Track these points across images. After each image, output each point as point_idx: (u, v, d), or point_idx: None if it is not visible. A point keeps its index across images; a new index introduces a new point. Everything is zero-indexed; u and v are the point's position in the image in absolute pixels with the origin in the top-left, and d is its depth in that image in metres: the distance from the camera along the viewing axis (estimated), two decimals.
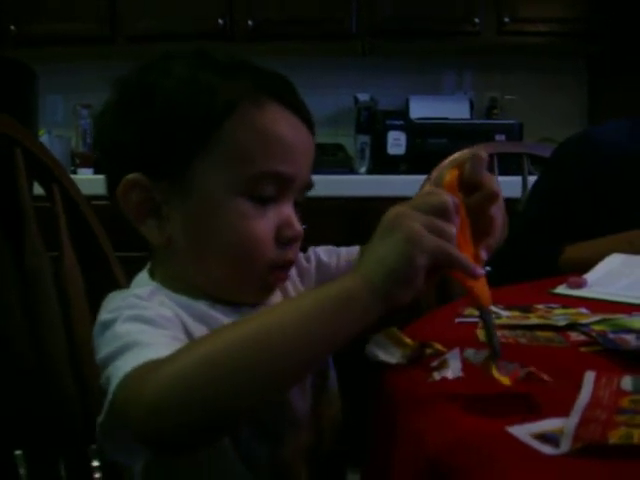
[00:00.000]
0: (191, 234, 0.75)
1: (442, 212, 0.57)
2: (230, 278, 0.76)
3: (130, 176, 0.74)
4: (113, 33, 2.95)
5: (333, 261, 0.91)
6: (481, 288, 0.59)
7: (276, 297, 0.84)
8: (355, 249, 0.94)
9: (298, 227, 0.76)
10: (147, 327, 0.67)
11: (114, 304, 0.72)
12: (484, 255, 0.62)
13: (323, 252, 0.92)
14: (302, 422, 0.80)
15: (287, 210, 0.76)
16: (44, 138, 2.84)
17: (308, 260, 0.91)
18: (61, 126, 3.17)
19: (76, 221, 1.00)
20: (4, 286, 0.90)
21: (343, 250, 0.93)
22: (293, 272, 0.89)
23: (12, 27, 2.91)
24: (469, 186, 0.63)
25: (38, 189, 0.99)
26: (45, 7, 2.91)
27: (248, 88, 0.74)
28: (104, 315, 0.71)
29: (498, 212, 0.64)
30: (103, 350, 0.67)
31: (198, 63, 0.76)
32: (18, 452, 0.90)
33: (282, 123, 0.75)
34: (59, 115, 3.25)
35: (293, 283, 0.88)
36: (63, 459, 0.94)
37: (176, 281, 0.77)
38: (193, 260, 0.76)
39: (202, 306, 0.76)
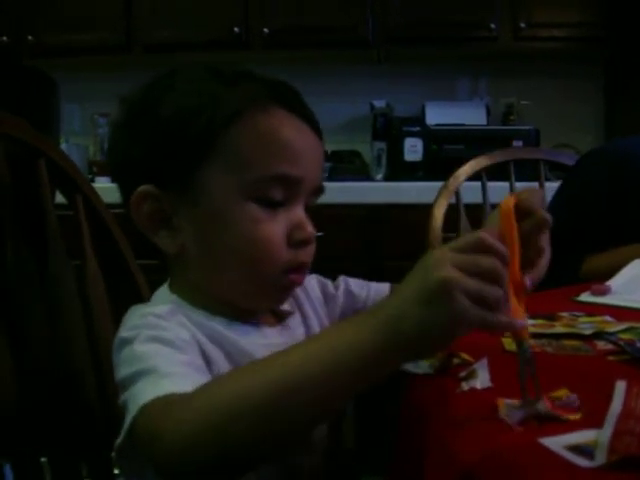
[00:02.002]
0: (203, 242, 0.75)
1: (492, 275, 0.54)
2: (244, 283, 0.76)
3: (141, 188, 0.75)
4: (129, 42, 2.96)
5: (363, 294, 0.92)
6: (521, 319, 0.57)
7: (295, 320, 0.84)
8: (385, 287, 0.94)
9: (310, 229, 0.76)
10: (166, 349, 0.67)
11: (133, 321, 0.72)
12: (528, 284, 0.60)
13: (354, 283, 0.93)
14: (318, 448, 0.81)
15: (298, 212, 0.75)
16: (62, 147, 2.86)
17: (337, 288, 0.92)
18: (78, 135, 3.19)
19: (98, 230, 1.01)
20: (28, 294, 0.90)
21: (373, 285, 0.93)
22: (316, 296, 0.89)
23: (30, 37, 2.94)
24: (521, 213, 0.62)
25: (59, 197, 1.00)
26: (62, 17, 2.94)
27: (252, 95, 0.74)
28: (123, 332, 0.71)
29: (546, 245, 0.65)
30: (122, 370, 0.68)
31: (201, 76, 0.77)
32: (43, 459, 0.90)
33: (288, 127, 0.75)
34: (76, 124, 3.27)
35: (313, 308, 0.88)
36: (86, 465, 0.94)
37: (193, 292, 0.77)
38: (207, 268, 0.76)
39: (218, 326, 0.76)
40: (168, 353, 0.67)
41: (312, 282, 0.89)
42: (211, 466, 0.58)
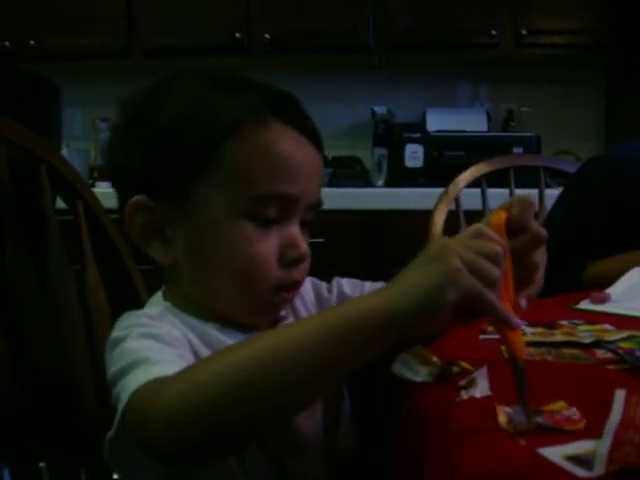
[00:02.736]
0: (195, 255, 0.75)
1: (491, 257, 0.56)
2: (234, 299, 0.75)
3: (134, 198, 0.74)
4: (130, 47, 2.97)
5: (356, 294, 0.90)
6: (515, 338, 0.57)
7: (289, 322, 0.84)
8: (380, 284, 0.93)
9: (303, 247, 0.75)
10: (156, 343, 0.67)
11: (126, 323, 0.72)
12: (524, 304, 0.60)
13: (347, 284, 0.91)
14: (312, 450, 0.79)
15: (292, 230, 0.74)
16: (63, 152, 2.86)
17: (330, 291, 0.91)
18: (79, 140, 3.19)
19: (98, 235, 1.01)
20: (28, 300, 0.90)
21: (367, 284, 0.92)
22: (310, 299, 0.89)
23: (31, 42, 2.95)
24: (514, 229, 0.61)
25: (60, 202, 1.00)
26: (64, 22, 2.95)
27: (251, 107, 0.73)
28: (115, 333, 0.71)
29: (542, 260, 0.63)
30: (113, 367, 0.67)
31: (200, 83, 0.76)
32: (42, 464, 0.90)
33: (286, 142, 0.73)
34: (77, 129, 3.27)
35: (308, 311, 0.87)
36: (85, 470, 0.94)
37: (186, 302, 0.77)
38: (197, 281, 0.76)
39: (211, 329, 0.75)
40: (159, 347, 0.67)
41: (306, 285, 0.88)
42: (201, 444, 0.58)
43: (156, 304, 0.79)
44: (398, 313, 0.55)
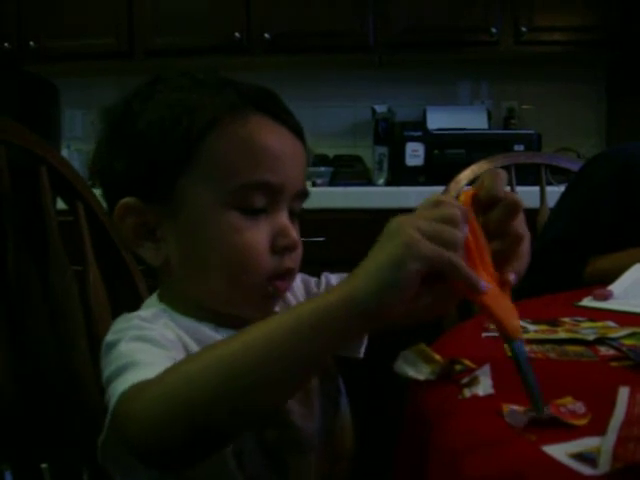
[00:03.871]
0: (186, 252, 0.75)
1: (448, 220, 0.55)
2: (229, 292, 0.75)
3: (123, 201, 0.75)
4: (131, 48, 2.97)
5: None
6: (508, 316, 0.55)
7: None
8: None
9: (293, 235, 0.75)
10: (149, 346, 0.67)
11: (119, 326, 0.73)
12: (513, 279, 0.58)
13: (335, 278, 0.91)
14: (310, 446, 0.80)
15: (281, 219, 0.75)
16: (63, 152, 2.86)
17: (318, 285, 0.91)
18: (80, 140, 3.19)
19: (99, 236, 1.01)
20: (30, 301, 0.90)
21: None
22: (302, 295, 0.89)
23: (31, 43, 2.95)
24: (488, 203, 0.59)
25: (60, 202, 1.00)
26: (64, 23, 2.94)
27: (229, 102, 0.74)
28: (109, 337, 0.72)
29: (523, 231, 0.60)
30: (106, 370, 0.68)
31: (180, 85, 0.77)
32: (44, 465, 0.90)
33: (266, 133, 0.74)
34: (78, 130, 3.27)
35: None
36: (87, 471, 0.94)
37: (181, 302, 0.77)
38: (191, 278, 0.76)
39: (206, 330, 0.76)
40: (151, 349, 0.67)
41: (297, 281, 0.89)
42: (183, 444, 0.58)
43: (151, 306, 0.79)
44: (366, 296, 0.54)
